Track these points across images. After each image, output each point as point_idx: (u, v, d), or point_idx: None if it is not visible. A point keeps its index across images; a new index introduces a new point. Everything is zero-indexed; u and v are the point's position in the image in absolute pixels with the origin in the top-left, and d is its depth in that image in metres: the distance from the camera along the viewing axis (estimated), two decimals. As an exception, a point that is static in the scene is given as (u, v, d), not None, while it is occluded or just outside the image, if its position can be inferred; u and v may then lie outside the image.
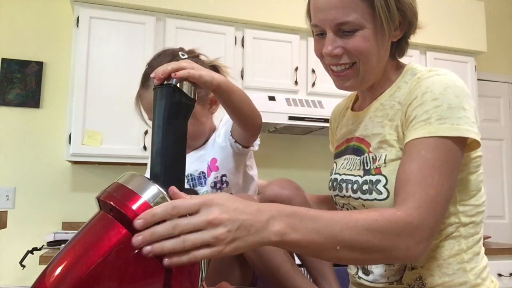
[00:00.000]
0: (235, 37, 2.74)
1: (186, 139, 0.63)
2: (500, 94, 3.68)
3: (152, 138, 0.62)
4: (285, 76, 2.80)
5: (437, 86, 0.81)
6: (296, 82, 2.81)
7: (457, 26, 3.16)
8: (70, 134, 2.41)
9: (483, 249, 0.90)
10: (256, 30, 2.78)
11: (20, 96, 2.67)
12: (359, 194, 0.89)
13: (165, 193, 0.58)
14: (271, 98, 2.70)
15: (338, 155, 1.05)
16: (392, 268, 0.88)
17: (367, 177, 0.87)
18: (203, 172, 1.02)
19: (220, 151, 1.03)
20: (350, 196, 0.92)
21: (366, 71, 0.89)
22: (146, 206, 0.56)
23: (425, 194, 0.75)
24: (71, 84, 2.47)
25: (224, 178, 1.03)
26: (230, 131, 1.02)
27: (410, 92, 0.85)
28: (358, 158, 0.93)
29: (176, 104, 0.61)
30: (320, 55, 0.92)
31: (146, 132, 2.50)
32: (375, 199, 0.85)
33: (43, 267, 0.56)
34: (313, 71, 2.82)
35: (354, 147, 0.96)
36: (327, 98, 2.84)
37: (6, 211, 1.59)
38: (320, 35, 0.90)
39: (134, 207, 0.56)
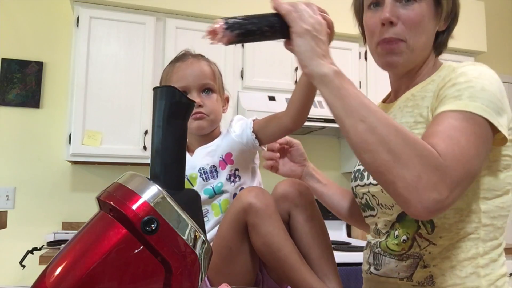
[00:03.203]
0: (235, 37, 2.74)
1: (186, 139, 0.63)
2: (500, 94, 3.68)
3: (152, 138, 0.62)
4: (285, 76, 2.80)
5: (473, 71, 0.82)
6: (296, 82, 2.81)
7: (457, 26, 3.16)
8: (70, 134, 2.41)
9: (503, 258, 0.85)
10: (256, 30, 2.77)
11: (20, 96, 2.67)
12: None
13: (165, 193, 0.58)
14: (271, 98, 2.70)
15: None
16: (404, 264, 0.87)
17: None
18: (214, 166, 1.05)
19: (235, 146, 1.06)
20: (370, 183, 0.93)
21: (415, 49, 0.89)
22: (146, 206, 0.56)
23: (451, 148, 0.71)
24: (71, 84, 2.47)
25: (237, 172, 1.06)
26: (252, 128, 1.06)
27: (443, 79, 0.85)
28: None
29: (176, 104, 0.61)
30: (374, 28, 0.91)
31: (146, 132, 2.51)
32: None
33: (43, 267, 0.56)
34: (313, 71, 2.82)
35: None
36: (327, 98, 2.84)
37: (6, 211, 1.59)
38: (375, 5, 0.91)
39: (134, 207, 0.56)
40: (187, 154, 1.05)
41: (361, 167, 0.99)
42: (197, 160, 1.06)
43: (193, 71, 1.07)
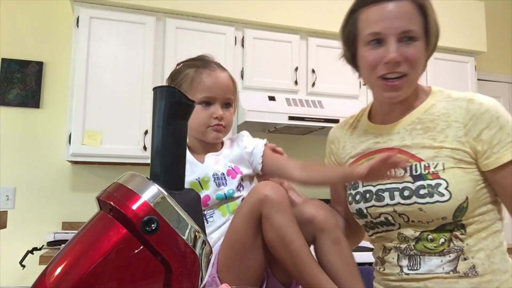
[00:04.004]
0: (235, 37, 2.74)
1: (186, 139, 0.64)
2: (500, 94, 3.68)
3: (152, 138, 0.62)
4: (285, 76, 2.80)
5: (499, 108, 0.97)
6: (296, 82, 2.81)
7: (457, 26, 3.16)
8: (70, 134, 2.41)
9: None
10: (256, 30, 2.78)
11: (20, 96, 2.67)
12: (414, 199, 0.95)
13: (165, 193, 0.58)
14: (271, 98, 2.70)
15: None
16: (448, 258, 0.95)
17: (423, 182, 0.95)
18: (223, 174, 1.08)
19: (243, 161, 1.12)
20: (398, 203, 0.98)
21: (413, 82, 1.00)
22: (146, 206, 0.56)
23: None
24: (71, 84, 2.47)
25: (242, 183, 1.10)
26: (262, 152, 1.12)
27: (468, 112, 0.97)
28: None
29: (176, 104, 0.61)
30: (375, 64, 0.97)
31: (146, 132, 2.51)
32: (437, 201, 0.93)
33: (43, 267, 0.56)
34: (313, 71, 2.82)
35: None
36: (327, 98, 2.84)
37: (6, 211, 1.59)
38: (376, 43, 0.97)
39: (134, 207, 0.56)
40: (195, 159, 1.08)
41: (372, 188, 1.02)
42: (211, 165, 1.08)
43: (221, 84, 1.10)
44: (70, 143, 2.40)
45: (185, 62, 1.15)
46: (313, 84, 2.84)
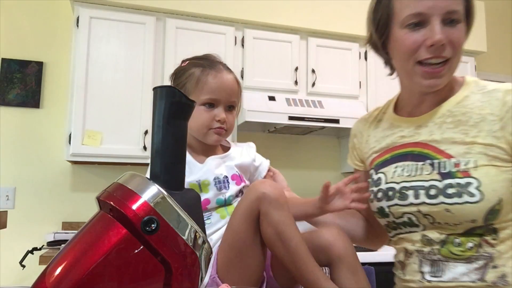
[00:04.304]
0: (235, 37, 2.74)
1: (186, 139, 0.63)
2: (500, 94, 3.67)
3: (152, 138, 0.62)
4: (285, 76, 2.80)
5: None
6: (296, 82, 2.81)
7: (457, 26, 3.16)
8: (70, 134, 2.41)
9: None
10: (256, 30, 2.78)
11: (20, 96, 2.67)
12: (441, 199, 0.88)
13: (165, 193, 0.58)
14: (271, 98, 2.70)
15: (382, 165, 1.02)
16: (475, 265, 0.87)
17: (452, 180, 0.87)
18: (227, 177, 1.08)
19: (247, 172, 1.14)
20: (423, 203, 0.90)
21: (454, 69, 0.92)
22: (146, 206, 0.56)
23: None
24: (71, 84, 2.47)
25: (243, 190, 1.11)
26: (266, 171, 1.17)
27: (505, 104, 0.89)
28: (420, 163, 0.93)
29: (176, 104, 0.61)
30: (416, 47, 0.90)
31: (146, 132, 2.51)
32: (467, 202, 0.85)
33: (43, 267, 0.56)
34: (313, 71, 2.82)
35: (414, 154, 0.95)
36: (327, 98, 2.84)
37: (6, 211, 1.59)
38: (417, 25, 0.89)
39: (134, 207, 0.56)
40: (194, 160, 1.08)
41: (395, 185, 0.96)
42: (212, 168, 1.08)
43: (226, 87, 1.09)
44: (70, 143, 2.40)
45: (191, 60, 1.13)
46: (313, 84, 2.84)
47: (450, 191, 0.87)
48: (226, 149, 1.16)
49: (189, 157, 1.07)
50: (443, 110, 0.95)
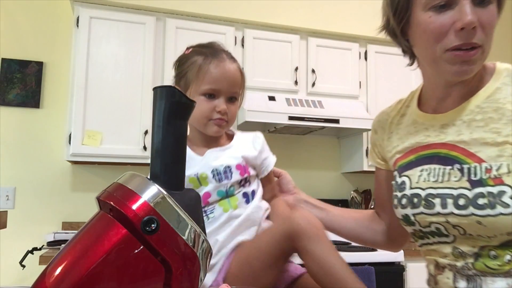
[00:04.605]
0: (235, 37, 2.74)
1: (186, 139, 0.63)
2: (500, 94, 3.68)
3: (152, 138, 0.62)
4: (285, 76, 2.80)
5: None
6: (296, 82, 2.81)
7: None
8: (70, 134, 2.41)
9: None
10: (256, 30, 2.78)
11: (20, 96, 2.67)
12: (471, 210, 0.77)
13: (165, 193, 0.58)
14: (271, 98, 2.70)
15: (406, 167, 0.92)
16: None
17: (483, 189, 0.77)
18: (229, 167, 1.03)
19: (253, 164, 1.09)
20: (451, 213, 0.80)
21: (485, 56, 0.81)
22: (146, 206, 0.56)
23: None
24: (71, 84, 2.47)
25: (248, 178, 1.06)
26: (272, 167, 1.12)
27: None
28: (448, 167, 0.83)
29: (176, 104, 0.61)
30: (444, 32, 0.79)
31: (146, 132, 2.51)
32: (501, 213, 0.74)
33: (43, 267, 0.56)
34: (313, 71, 2.83)
35: (440, 156, 0.85)
36: (327, 98, 2.84)
37: (6, 211, 1.59)
38: (443, 7, 0.79)
39: (134, 207, 0.55)
40: (193, 153, 1.05)
41: (421, 192, 0.86)
42: (210, 160, 1.04)
43: (228, 77, 1.04)
44: (70, 143, 2.40)
45: (195, 47, 1.09)
46: (313, 84, 2.84)
47: (481, 201, 0.76)
48: (231, 137, 1.12)
49: (188, 151, 1.04)
50: (471, 105, 0.84)
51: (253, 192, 1.05)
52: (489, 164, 0.78)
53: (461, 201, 0.79)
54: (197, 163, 1.03)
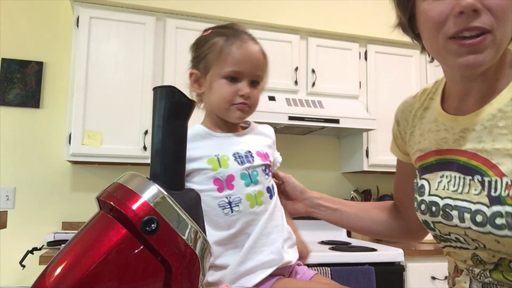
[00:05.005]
0: (235, 37, 2.73)
1: (186, 139, 0.63)
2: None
3: (152, 138, 0.62)
4: (285, 76, 2.80)
5: None
6: (296, 82, 2.81)
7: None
8: (70, 134, 2.41)
9: None
10: (256, 30, 2.76)
11: (20, 96, 2.67)
12: (489, 228, 0.71)
13: (165, 193, 0.58)
14: (271, 98, 2.70)
15: (426, 169, 0.86)
16: None
17: (501, 208, 0.70)
18: (249, 151, 0.99)
19: (270, 152, 1.05)
20: (469, 228, 0.75)
21: (501, 43, 0.71)
22: (146, 206, 0.56)
23: None
24: (71, 84, 2.47)
25: (268, 169, 1.02)
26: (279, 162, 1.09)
27: None
28: (468, 178, 0.76)
29: (176, 104, 0.61)
30: (443, 19, 0.71)
31: (146, 132, 2.51)
32: None
33: (43, 267, 0.56)
34: (313, 71, 2.82)
35: (459, 164, 0.78)
36: (327, 98, 2.84)
37: (6, 211, 1.60)
38: None
39: (134, 207, 0.55)
40: (214, 133, 0.99)
41: (439, 200, 0.80)
42: (230, 144, 0.98)
43: (252, 59, 0.98)
44: (70, 143, 2.40)
45: (214, 28, 1.03)
46: (313, 84, 2.84)
47: (499, 221, 0.70)
48: (246, 126, 1.07)
49: (207, 131, 0.99)
50: (493, 109, 0.74)
51: (273, 187, 1.01)
52: (510, 179, 0.70)
53: (479, 218, 0.73)
54: (217, 145, 0.97)
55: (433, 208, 0.81)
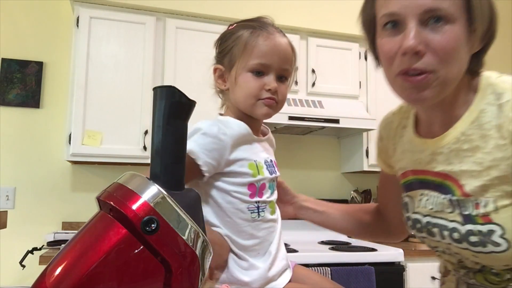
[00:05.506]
0: (235, 37, 2.73)
1: (186, 139, 0.63)
2: (500, 94, 3.67)
3: (152, 138, 0.62)
4: (285, 76, 2.80)
5: None
6: (296, 82, 2.81)
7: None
8: (70, 134, 2.41)
9: None
10: (256, 30, 2.78)
11: (20, 96, 2.67)
12: (466, 245, 0.76)
13: (165, 193, 0.58)
14: (271, 98, 2.69)
15: (408, 187, 0.90)
16: None
17: (473, 227, 0.74)
18: (272, 161, 0.98)
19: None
20: (450, 244, 0.80)
21: (447, 82, 0.73)
22: (146, 206, 0.56)
23: None
24: (71, 84, 2.47)
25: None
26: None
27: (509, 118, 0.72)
28: (442, 196, 0.80)
29: (176, 104, 0.61)
30: (392, 56, 0.75)
31: (146, 132, 2.51)
32: (492, 251, 0.73)
33: (43, 267, 0.56)
34: (313, 71, 2.82)
35: (435, 183, 0.82)
36: (327, 98, 2.84)
37: (6, 211, 1.59)
38: (393, 26, 0.74)
39: (134, 207, 0.55)
40: (253, 137, 0.96)
41: (421, 218, 0.84)
42: (259, 150, 0.96)
43: (279, 51, 0.93)
44: (70, 143, 2.40)
45: (239, 22, 1.00)
46: (313, 84, 2.84)
47: (473, 239, 0.74)
48: (264, 133, 1.03)
49: (250, 131, 0.94)
50: (456, 132, 0.78)
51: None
52: (476, 198, 0.74)
53: (455, 235, 0.77)
54: (253, 149, 0.95)
55: (418, 225, 0.86)
